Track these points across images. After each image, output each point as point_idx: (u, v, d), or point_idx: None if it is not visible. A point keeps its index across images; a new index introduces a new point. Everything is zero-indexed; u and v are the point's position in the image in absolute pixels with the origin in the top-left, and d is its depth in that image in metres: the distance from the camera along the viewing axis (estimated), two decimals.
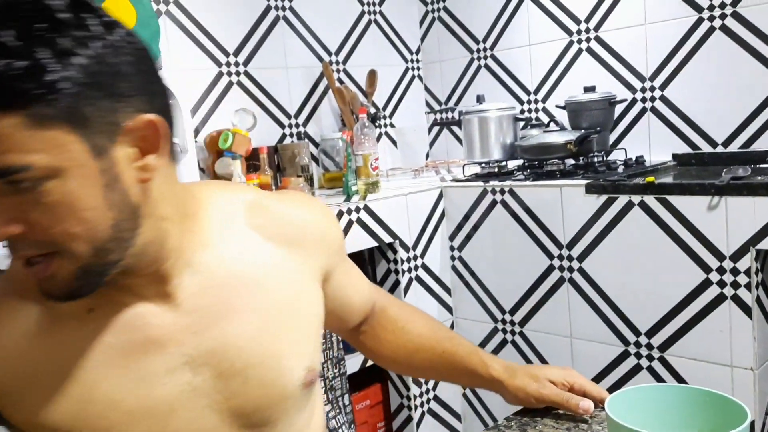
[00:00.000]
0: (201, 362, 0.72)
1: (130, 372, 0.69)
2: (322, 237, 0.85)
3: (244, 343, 0.74)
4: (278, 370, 0.76)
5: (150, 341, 0.70)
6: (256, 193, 0.83)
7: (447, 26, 2.67)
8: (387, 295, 1.04)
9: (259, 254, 0.77)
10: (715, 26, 1.95)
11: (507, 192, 1.97)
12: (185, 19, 2.08)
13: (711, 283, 1.60)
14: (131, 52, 0.62)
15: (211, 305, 0.73)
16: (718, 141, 2.00)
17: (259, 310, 0.76)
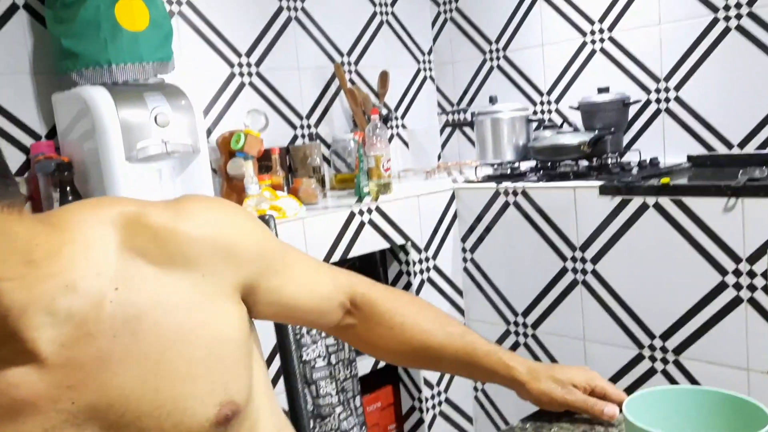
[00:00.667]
0: (84, 418, 0.64)
1: None
2: (225, 250, 0.74)
3: (131, 391, 0.66)
4: (177, 415, 0.68)
5: (20, 403, 0.62)
6: (138, 207, 0.71)
7: (459, 27, 2.66)
8: (374, 286, 0.93)
9: (141, 284, 0.67)
10: (731, 26, 1.93)
11: (520, 193, 1.96)
12: (198, 20, 2.08)
13: (727, 286, 1.58)
14: None
15: (86, 355, 0.64)
16: (734, 142, 1.98)
17: (146, 351, 0.67)
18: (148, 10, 1.66)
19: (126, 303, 0.66)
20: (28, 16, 1.77)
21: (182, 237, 0.71)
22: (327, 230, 1.81)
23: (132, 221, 0.69)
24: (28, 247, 0.62)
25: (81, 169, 1.65)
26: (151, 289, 0.68)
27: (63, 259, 0.64)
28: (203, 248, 0.72)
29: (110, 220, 0.69)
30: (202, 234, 0.73)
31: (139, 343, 0.66)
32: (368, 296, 0.91)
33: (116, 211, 0.70)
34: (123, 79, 1.64)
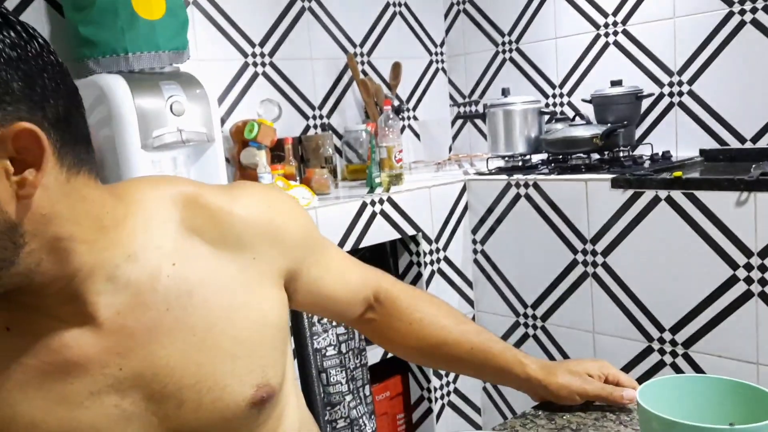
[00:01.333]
0: (128, 385, 0.67)
1: (51, 394, 0.64)
2: (274, 235, 0.77)
3: (176, 363, 0.68)
4: (216, 391, 0.70)
5: (71, 363, 0.65)
6: (196, 188, 0.74)
7: (472, 19, 2.66)
8: (396, 283, 0.96)
9: (195, 261, 0.70)
10: (746, 20, 1.92)
11: (531, 186, 1.97)
12: (213, 10, 2.09)
13: (738, 280, 1.58)
14: (19, 56, 0.57)
15: (138, 324, 0.67)
16: (747, 137, 1.97)
17: (193, 326, 0.69)
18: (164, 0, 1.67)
19: (180, 278, 0.69)
20: (46, 4, 1.79)
21: (236, 219, 0.74)
22: (339, 220, 1.82)
23: (191, 201, 0.72)
24: (101, 213, 0.64)
25: (97, 156, 1.66)
26: (204, 267, 0.71)
27: (127, 229, 0.67)
28: (255, 231, 0.75)
29: (171, 198, 0.72)
30: (254, 218, 0.75)
31: (188, 318, 0.69)
32: (390, 292, 0.94)
33: (177, 190, 0.73)
34: (139, 68, 1.65)
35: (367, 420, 1.93)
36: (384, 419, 2.14)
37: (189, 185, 0.74)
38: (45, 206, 0.59)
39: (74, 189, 0.62)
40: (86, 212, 0.63)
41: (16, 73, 0.56)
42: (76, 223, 0.62)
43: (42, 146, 0.58)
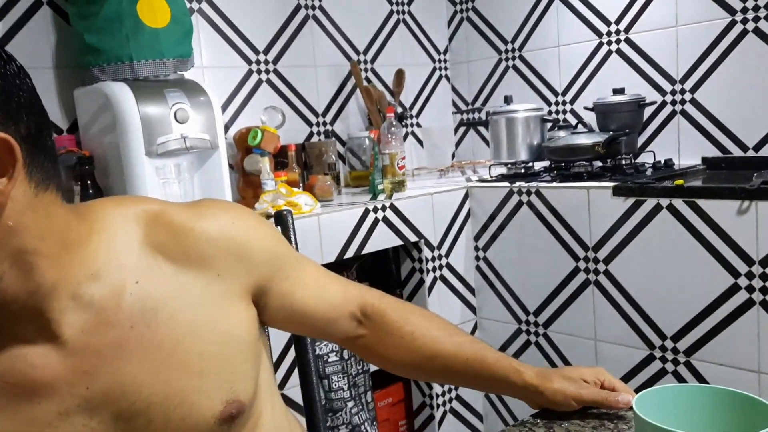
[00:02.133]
0: (96, 403, 0.66)
1: (18, 416, 0.64)
2: (239, 253, 0.77)
3: (143, 380, 0.68)
4: (185, 408, 0.70)
5: (37, 384, 0.64)
6: (159, 205, 0.75)
7: (475, 26, 2.67)
8: (383, 296, 0.94)
9: (159, 278, 0.71)
10: (748, 29, 1.92)
11: (533, 193, 1.97)
12: (217, 18, 2.11)
13: (739, 288, 1.58)
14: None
15: (103, 342, 0.67)
16: (749, 145, 1.97)
17: (159, 343, 0.69)
18: (169, 7, 1.69)
19: (144, 295, 0.69)
20: (52, 12, 1.80)
21: (199, 235, 0.74)
22: (341, 227, 1.83)
23: (154, 218, 0.73)
24: (65, 230, 0.65)
25: (102, 162, 1.68)
26: (168, 284, 0.71)
27: (90, 247, 0.67)
28: (218, 248, 0.75)
29: (134, 216, 0.72)
30: (217, 234, 0.75)
31: (154, 335, 0.69)
32: (378, 306, 0.92)
33: (140, 208, 0.73)
34: (144, 75, 1.66)
35: (369, 426, 1.93)
36: (386, 426, 2.14)
37: (153, 203, 0.75)
38: (12, 217, 0.59)
39: (41, 205, 0.62)
40: (51, 228, 0.63)
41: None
42: (40, 238, 0.62)
43: (15, 156, 0.58)
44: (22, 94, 0.61)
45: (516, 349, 2.11)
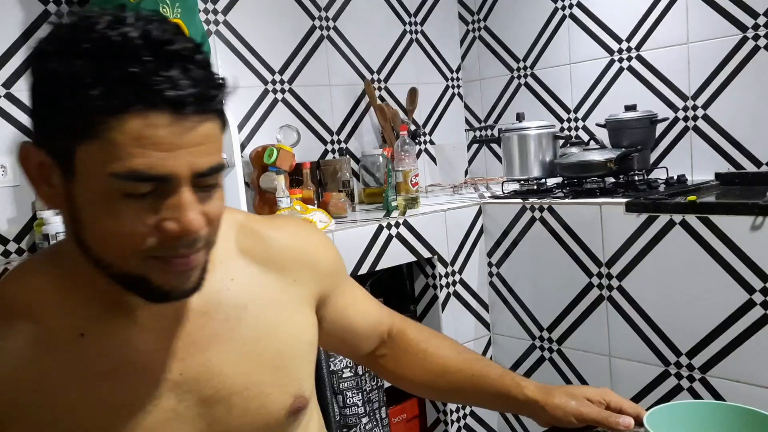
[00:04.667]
0: (186, 389, 0.71)
1: (117, 398, 0.67)
2: (311, 262, 0.85)
3: (228, 370, 0.73)
4: (261, 398, 0.75)
5: (137, 367, 0.69)
6: (246, 216, 0.83)
7: (487, 45, 2.70)
8: (405, 319, 1.02)
9: (246, 279, 0.77)
10: (760, 45, 1.93)
11: (546, 209, 1.98)
12: (234, 40, 2.15)
13: (755, 304, 1.58)
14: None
15: (197, 332, 0.72)
16: (763, 160, 1.97)
17: (243, 338, 0.75)
18: (187, 30, 1.72)
19: (238, 292, 0.76)
20: None
21: (279, 244, 0.82)
22: (356, 243, 1.85)
23: (243, 226, 0.81)
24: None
25: None
26: (255, 284, 0.78)
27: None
28: (294, 256, 0.83)
29: (226, 222, 0.76)
30: (294, 244, 0.84)
31: (241, 330, 0.75)
32: (401, 327, 1.00)
33: (230, 216, 0.80)
34: None
35: None
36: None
37: (238, 213, 0.83)
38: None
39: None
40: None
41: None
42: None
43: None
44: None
45: (530, 366, 2.11)
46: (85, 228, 0.63)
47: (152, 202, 0.61)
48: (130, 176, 0.59)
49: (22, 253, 1.79)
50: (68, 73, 0.59)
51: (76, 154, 0.60)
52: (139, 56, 0.58)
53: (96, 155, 0.59)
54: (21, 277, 0.71)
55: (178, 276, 0.65)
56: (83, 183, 0.61)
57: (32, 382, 0.65)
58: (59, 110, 0.60)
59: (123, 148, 0.58)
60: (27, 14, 1.78)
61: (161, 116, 0.58)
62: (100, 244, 0.63)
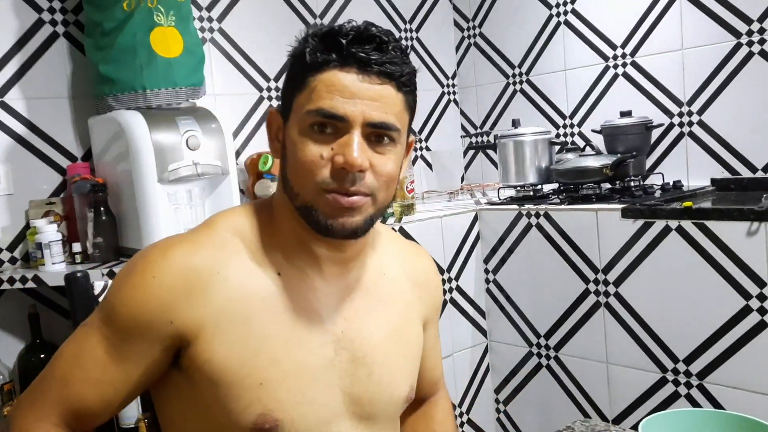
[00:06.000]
0: (343, 345, 0.82)
1: (293, 336, 0.79)
2: (433, 290, 0.98)
3: (376, 343, 0.85)
4: (392, 376, 0.86)
5: (314, 314, 0.81)
6: (388, 229, 0.98)
7: (483, 51, 2.70)
8: (446, 395, 1.10)
9: (395, 277, 0.91)
10: (754, 51, 1.94)
11: (542, 215, 1.98)
12: (229, 47, 2.15)
13: (751, 310, 1.57)
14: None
15: (360, 301, 0.85)
16: (758, 166, 1.97)
17: (388, 323, 0.87)
18: (182, 38, 1.72)
19: (390, 284, 0.90)
20: (68, 44, 1.85)
21: (420, 263, 0.97)
22: None
23: (391, 234, 0.97)
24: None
25: (115, 190, 1.71)
26: (399, 284, 0.92)
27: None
28: (427, 280, 0.96)
29: (380, 224, 0.93)
30: (429, 270, 0.98)
31: (389, 315, 0.88)
32: (437, 399, 1.07)
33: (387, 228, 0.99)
34: (157, 104, 1.70)
35: None
36: None
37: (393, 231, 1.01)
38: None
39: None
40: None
41: None
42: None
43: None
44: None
45: (527, 373, 2.10)
46: (287, 164, 0.80)
47: (330, 139, 0.76)
48: (318, 112, 0.75)
49: (15, 262, 1.78)
50: (299, 49, 0.79)
51: (293, 103, 0.79)
52: (347, 35, 0.76)
53: (302, 100, 0.77)
54: (240, 215, 0.84)
55: (341, 212, 0.77)
56: (291, 124, 0.79)
57: (237, 302, 0.77)
58: (290, 76, 0.81)
59: (318, 93, 0.76)
60: (21, 23, 1.78)
61: (350, 72, 0.76)
62: (292, 173, 0.78)
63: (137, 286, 0.76)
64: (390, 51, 0.77)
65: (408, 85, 0.79)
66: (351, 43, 0.76)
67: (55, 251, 1.64)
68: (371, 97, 0.76)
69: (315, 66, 0.76)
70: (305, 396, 0.78)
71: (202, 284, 0.76)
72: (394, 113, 0.77)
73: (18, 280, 1.62)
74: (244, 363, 0.76)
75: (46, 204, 1.77)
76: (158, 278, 0.75)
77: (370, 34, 0.77)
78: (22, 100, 1.78)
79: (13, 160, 1.77)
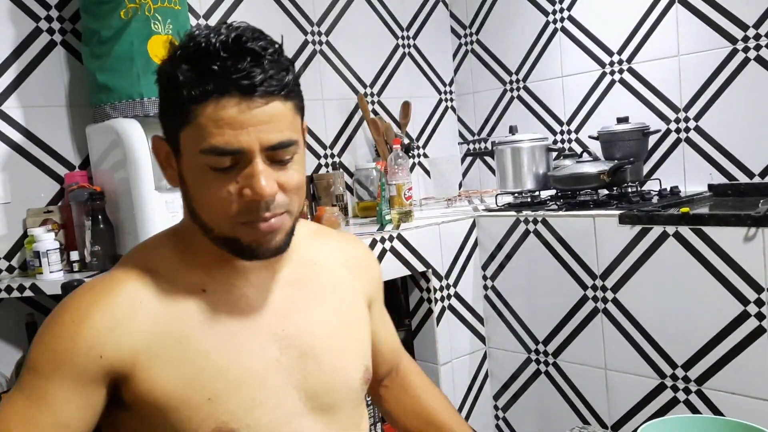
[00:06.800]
0: (287, 343, 0.82)
1: (233, 344, 0.79)
2: (369, 269, 0.99)
3: (320, 332, 0.85)
4: (343, 361, 0.86)
5: (249, 319, 0.81)
6: (318, 225, 0.99)
7: (480, 58, 2.71)
8: (412, 361, 1.12)
9: (328, 266, 0.91)
10: (750, 57, 1.94)
11: (540, 222, 1.98)
12: None
13: (749, 315, 1.57)
14: None
15: (295, 295, 0.85)
16: (755, 171, 1.98)
17: (330, 310, 0.88)
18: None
19: (323, 273, 0.90)
20: (65, 52, 1.85)
21: (351, 248, 0.98)
22: None
23: (320, 230, 0.98)
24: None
25: (112, 198, 1.71)
26: (332, 271, 0.93)
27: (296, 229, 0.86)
28: (360, 261, 0.97)
29: (307, 226, 0.95)
30: (360, 252, 0.99)
31: (327, 302, 0.89)
32: (407, 366, 1.09)
33: (309, 225, 0.97)
34: (154, 112, 1.70)
35: None
36: None
37: (315, 224, 1.00)
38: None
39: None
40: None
41: None
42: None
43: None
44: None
45: (526, 379, 2.10)
46: (192, 199, 0.78)
47: (233, 174, 0.73)
48: (212, 151, 0.72)
49: (13, 271, 1.78)
50: (170, 74, 0.74)
51: (180, 138, 0.75)
52: (218, 55, 0.71)
53: (191, 137, 0.73)
54: (150, 248, 0.84)
55: (263, 236, 0.76)
56: (185, 161, 0.76)
57: (166, 325, 0.77)
58: (167, 104, 0.77)
59: (206, 129, 0.72)
60: (18, 32, 1.78)
61: (232, 100, 0.71)
62: (202, 210, 0.77)
63: (59, 334, 0.74)
64: (266, 63, 0.73)
65: (293, 90, 0.76)
66: (225, 66, 0.71)
67: (53, 260, 1.64)
68: (261, 121, 0.72)
69: (193, 99, 0.72)
70: (255, 401, 0.78)
71: (126, 317, 0.75)
72: (287, 127, 0.75)
73: (15, 289, 1.62)
74: (187, 383, 0.75)
75: (44, 212, 1.77)
76: (80, 322, 0.74)
77: (243, 49, 0.72)
78: (19, 108, 1.78)
79: (11, 169, 1.77)
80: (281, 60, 0.75)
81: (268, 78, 0.72)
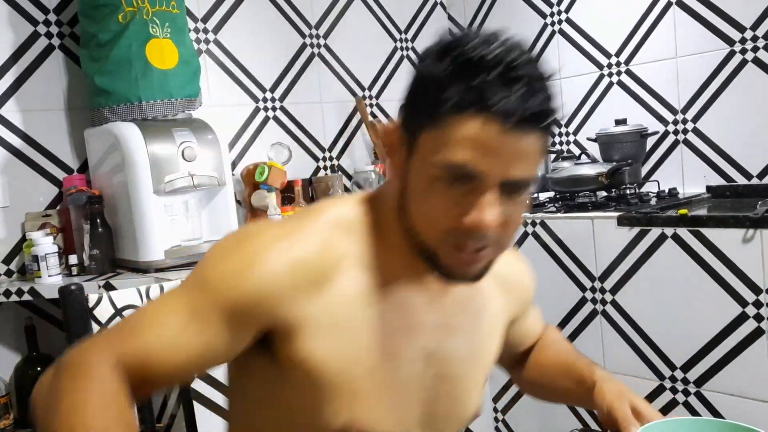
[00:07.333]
0: (432, 362, 0.81)
1: (390, 348, 0.77)
2: (523, 291, 0.95)
3: (458, 358, 0.83)
4: (467, 393, 0.85)
5: (411, 328, 0.79)
6: None
7: None
8: (549, 326, 1.09)
9: (484, 284, 0.83)
10: (747, 59, 1.95)
11: (538, 224, 1.98)
12: (224, 58, 2.16)
13: (748, 317, 1.57)
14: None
15: (453, 317, 0.83)
16: (753, 173, 1.98)
17: (473, 334, 0.85)
18: (177, 49, 1.73)
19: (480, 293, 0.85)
20: (64, 56, 1.86)
21: (513, 269, 0.93)
22: None
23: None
24: None
25: (111, 201, 1.71)
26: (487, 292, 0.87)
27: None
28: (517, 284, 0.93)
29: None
30: (520, 273, 0.96)
31: (474, 331, 0.85)
32: (545, 329, 1.06)
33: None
34: (152, 115, 1.70)
35: None
36: None
37: None
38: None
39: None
40: None
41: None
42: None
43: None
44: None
45: None
46: (409, 198, 0.73)
47: (460, 192, 0.69)
48: (451, 167, 0.68)
49: (12, 275, 1.78)
50: (433, 73, 0.70)
51: (420, 137, 0.71)
52: (489, 72, 0.67)
53: (432, 141, 0.69)
54: (348, 209, 0.80)
55: (464, 265, 0.73)
56: (417, 161, 0.71)
57: (343, 306, 0.75)
58: (420, 100, 0.73)
59: (451, 140, 0.68)
60: (16, 36, 1.78)
61: (492, 124, 0.66)
62: (414, 213, 0.73)
63: (241, 273, 0.72)
64: (537, 94, 0.68)
65: (550, 126, 0.71)
66: (495, 85, 0.67)
67: (52, 263, 1.64)
68: (514, 153, 0.67)
69: (450, 108, 0.68)
70: (392, 409, 0.78)
71: (308, 282, 0.73)
72: (534, 164, 0.70)
73: (14, 293, 1.62)
74: (342, 369, 0.74)
75: (43, 216, 1.77)
76: (264, 270, 0.72)
77: (517, 73, 0.67)
78: (17, 112, 1.79)
79: (9, 173, 1.77)
80: (550, 93, 0.70)
81: (534, 110, 0.67)
